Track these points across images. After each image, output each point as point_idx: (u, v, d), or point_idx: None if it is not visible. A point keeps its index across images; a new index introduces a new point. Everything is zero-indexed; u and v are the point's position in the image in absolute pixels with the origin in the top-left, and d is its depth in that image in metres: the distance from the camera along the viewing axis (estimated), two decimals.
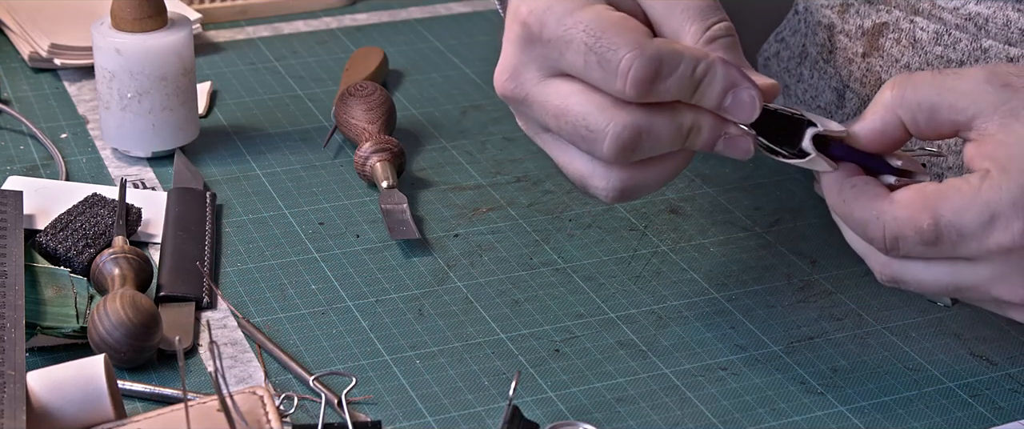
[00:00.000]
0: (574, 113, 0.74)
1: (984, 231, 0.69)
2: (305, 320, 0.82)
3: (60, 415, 0.69)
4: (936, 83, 0.72)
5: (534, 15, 0.74)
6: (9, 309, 0.76)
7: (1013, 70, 0.71)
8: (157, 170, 0.99)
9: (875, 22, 0.91)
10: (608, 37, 0.72)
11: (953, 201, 0.70)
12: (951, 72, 0.72)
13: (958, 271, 0.72)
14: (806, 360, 0.79)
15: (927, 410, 0.75)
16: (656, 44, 0.72)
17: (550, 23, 0.74)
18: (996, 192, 0.69)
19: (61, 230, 0.86)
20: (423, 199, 0.96)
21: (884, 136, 0.73)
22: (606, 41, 0.72)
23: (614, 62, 0.72)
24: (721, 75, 0.73)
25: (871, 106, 0.73)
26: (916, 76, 0.72)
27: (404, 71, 1.16)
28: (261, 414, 0.69)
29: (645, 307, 0.84)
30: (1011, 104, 0.70)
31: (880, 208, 0.72)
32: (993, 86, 0.71)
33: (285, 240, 0.91)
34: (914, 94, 0.72)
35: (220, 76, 1.14)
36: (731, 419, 0.75)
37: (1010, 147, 0.70)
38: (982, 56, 0.85)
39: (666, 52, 0.72)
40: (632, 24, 0.73)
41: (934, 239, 0.70)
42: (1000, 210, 0.69)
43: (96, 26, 0.98)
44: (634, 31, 0.73)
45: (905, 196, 0.71)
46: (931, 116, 0.72)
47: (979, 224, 0.69)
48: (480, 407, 0.75)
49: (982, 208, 0.69)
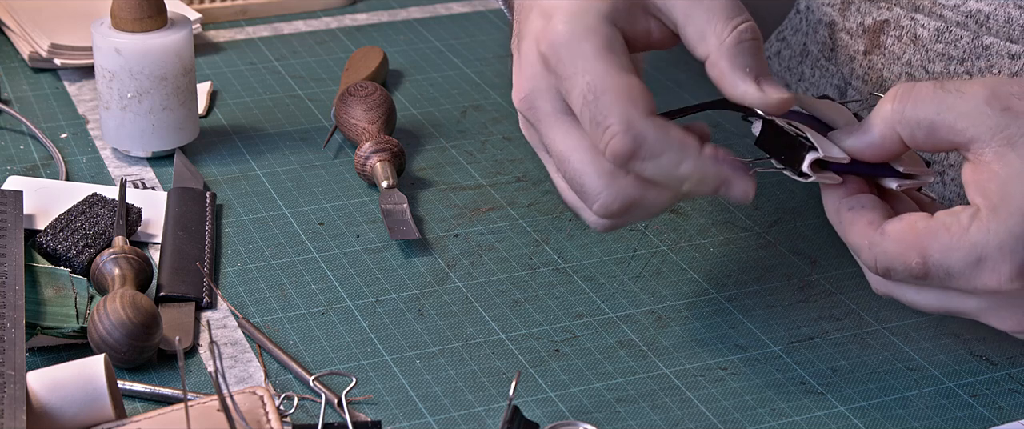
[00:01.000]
0: (574, 168, 0.75)
1: (972, 272, 0.70)
2: (305, 320, 0.82)
3: (60, 415, 0.69)
4: (937, 100, 0.71)
5: (553, 47, 0.75)
6: (9, 309, 0.76)
7: (1015, 90, 0.71)
8: (157, 170, 0.99)
9: (876, 20, 0.91)
10: (603, 102, 0.73)
11: (942, 240, 0.70)
12: (954, 87, 0.71)
13: (949, 299, 0.73)
14: (806, 360, 0.79)
15: (927, 410, 0.75)
16: (641, 127, 0.72)
17: (564, 59, 0.74)
18: (984, 235, 0.69)
19: (61, 230, 0.86)
20: (423, 199, 0.96)
21: (883, 150, 0.73)
22: (601, 105, 0.73)
23: (601, 129, 0.73)
24: (712, 176, 0.73)
25: (871, 118, 0.73)
26: (918, 89, 0.72)
27: (404, 71, 1.16)
28: (261, 414, 0.69)
29: (645, 307, 0.84)
30: (1009, 131, 0.70)
31: (872, 239, 0.72)
32: (993, 109, 0.70)
33: (285, 240, 0.91)
34: (914, 111, 0.71)
35: (220, 76, 1.14)
36: (731, 419, 0.75)
37: (1003, 182, 0.69)
38: (983, 53, 0.85)
39: (651, 137, 0.72)
40: (634, 92, 0.73)
41: (923, 275, 0.71)
42: (987, 253, 0.69)
43: (96, 26, 0.98)
44: (630, 103, 0.73)
45: (896, 229, 0.71)
46: (930, 134, 0.71)
47: (966, 265, 0.70)
48: (480, 407, 0.75)
49: (970, 250, 0.69)
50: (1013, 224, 0.69)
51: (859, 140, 0.73)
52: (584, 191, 0.75)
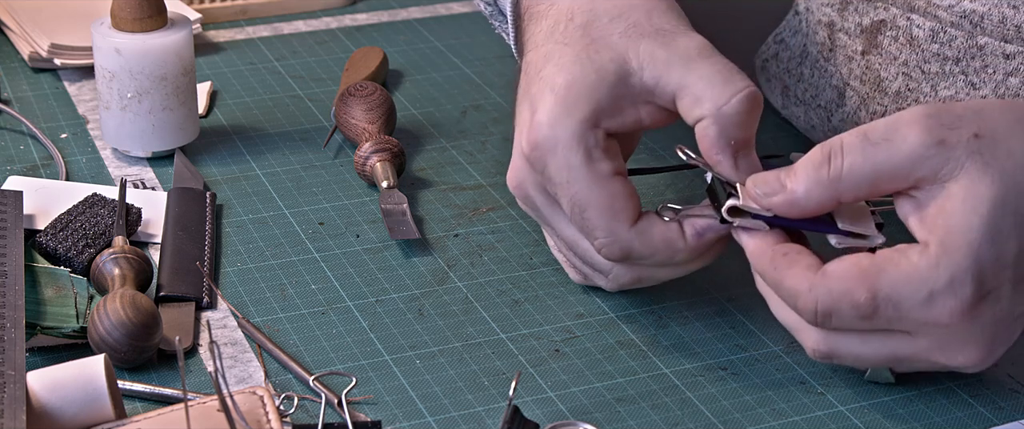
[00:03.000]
0: (582, 248, 0.80)
1: (922, 307, 0.69)
2: (305, 320, 0.82)
3: (60, 415, 0.69)
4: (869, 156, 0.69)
5: (536, 150, 0.77)
6: (9, 309, 0.76)
7: (946, 119, 0.69)
8: (157, 170, 0.99)
9: (873, 20, 0.91)
10: (587, 217, 0.76)
11: (891, 275, 0.69)
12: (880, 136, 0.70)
13: (896, 344, 0.72)
14: (806, 360, 0.79)
15: (927, 410, 0.75)
16: (626, 239, 0.76)
17: (548, 165, 0.77)
18: (933, 270, 0.68)
19: (61, 230, 0.86)
20: (423, 199, 0.96)
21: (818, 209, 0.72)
22: (585, 220, 0.76)
23: (591, 238, 0.77)
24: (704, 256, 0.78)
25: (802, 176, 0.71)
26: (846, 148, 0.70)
27: (404, 71, 1.16)
28: (261, 414, 0.69)
29: (645, 307, 0.84)
30: (949, 166, 0.69)
31: (812, 281, 0.71)
32: (928, 148, 0.69)
33: (285, 240, 0.91)
34: (851, 173, 0.70)
35: (220, 76, 1.14)
36: (731, 419, 0.75)
37: (949, 216, 0.69)
38: (978, 53, 0.85)
39: (637, 246, 0.76)
40: (616, 204, 0.76)
41: (871, 313, 0.70)
42: (937, 288, 0.69)
43: (96, 26, 0.98)
44: (612, 217, 0.76)
45: (839, 268, 0.70)
46: (873, 187, 0.70)
47: (917, 301, 0.69)
48: (480, 407, 0.75)
49: (919, 285, 0.69)
50: (961, 258, 0.68)
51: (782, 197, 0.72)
52: (595, 267, 0.80)
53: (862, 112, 0.93)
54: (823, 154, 0.71)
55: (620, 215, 0.76)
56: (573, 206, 0.76)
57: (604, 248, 0.77)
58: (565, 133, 0.76)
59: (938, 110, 0.70)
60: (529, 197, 0.80)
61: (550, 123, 0.76)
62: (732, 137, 0.75)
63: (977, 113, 0.70)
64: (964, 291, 0.68)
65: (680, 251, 0.77)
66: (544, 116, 0.76)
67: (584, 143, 0.76)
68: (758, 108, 0.76)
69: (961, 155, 0.69)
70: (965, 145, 0.69)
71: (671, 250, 0.77)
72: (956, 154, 0.69)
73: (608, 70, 0.76)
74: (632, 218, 0.76)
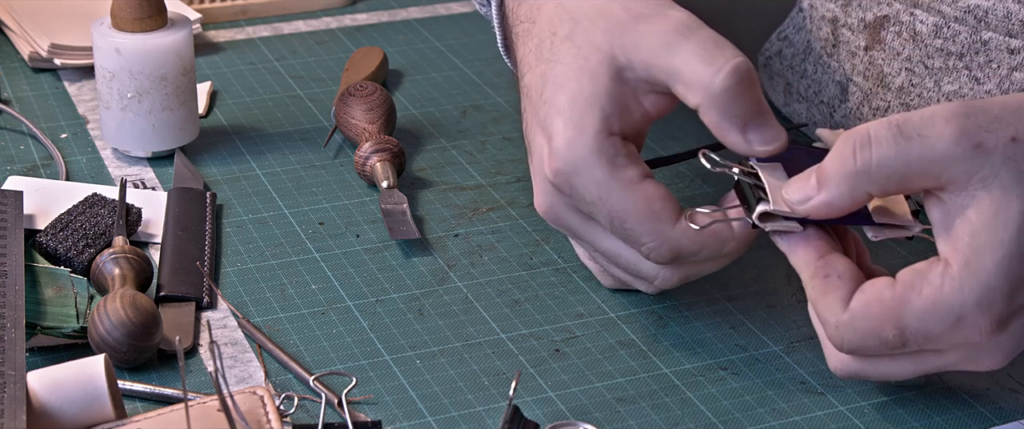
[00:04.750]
0: (624, 259, 0.78)
1: (952, 331, 0.68)
2: (305, 320, 0.82)
3: (60, 415, 0.69)
4: (902, 151, 0.67)
5: (560, 176, 0.76)
6: (9, 309, 0.76)
7: (982, 120, 0.67)
8: (157, 170, 0.99)
9: (876, 15, 0.91)
10: (630, 226, 0.75)
11: (916, 306, 0.68)
12: (915, 132, 0.67)
13: (925, 362, 0.71)
14: (806, 360, 0.79)
15: (927, 410, 0.75)
16: (673, 238, 0.75)
17: (576, 186, 0.75)
18: (959, 293, 0.67)
19: (61, 230, 0.86)
20: (423, 199, 0.96)
21: (840, 210, 0.70)
22: (628, 229, 0.75)
23: (637, 246, 0.76)
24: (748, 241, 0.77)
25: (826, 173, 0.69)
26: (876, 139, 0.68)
27: (404, 71, 1.16)
28: (261, 414, 0.69)
29: (645, 307, 0.84)
30: (983, 173, 0.67)
31: (839, 321, 0.70)
32: (964, 148, 0.67)
33: (285, 240, 0.91)
34: (880, 167, 0.68)
35: (220, 76, 1.14)
36: (731, 419, 0.75)
37: (975, 231, 0.67)
38: (982, 48, 0.85)
39: (685, 243, 0.75)
40: (654, 206, 0.75)
41: (900, 346, 0.69)
42: (966, 312, 0.67)
43: (96, 26, 0.98)
44: (654, 219, 0.75)
45: (864, 307, 0.69)
46: (902, 184, 0.68)
47: (945, 327, 0.68)
48: (480, 407, 0.75)
49: (946, 312, 0.67)
50: (987, 277, 0.66)
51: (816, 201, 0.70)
52: (640, 275, 0.79)
53: (865, 108, 0.93)
54: (851, 146, 0.68)
55: (662, 216, 0.75)
56: (612, 219, 0.75)
57: (653, 252, 0.75)
58: (583, 151, 0.75)
59: (973, 109, 0.68)
60: (561, 219, 0.79)
61: (567, 146, 0.75)
62: (733, 115, 0.73)
63: (1015, 113, 0.67)
64: (994, 310, 0.67)
65: (729, 241, 0.76)
66: (560, 141, 0.75)
67: (604, 155, 0.74)
68: (749, 77, 0.73)
69: (996, 161, 0.66)
70: (1002, 151, 0.66)
71: (719, 241, 0.75)
72: (991, 161, 0.66)
73: (602, 74, 0.75)
74: (674, 217, 0.75)
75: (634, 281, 0.81)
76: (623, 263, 0.79)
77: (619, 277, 0.82)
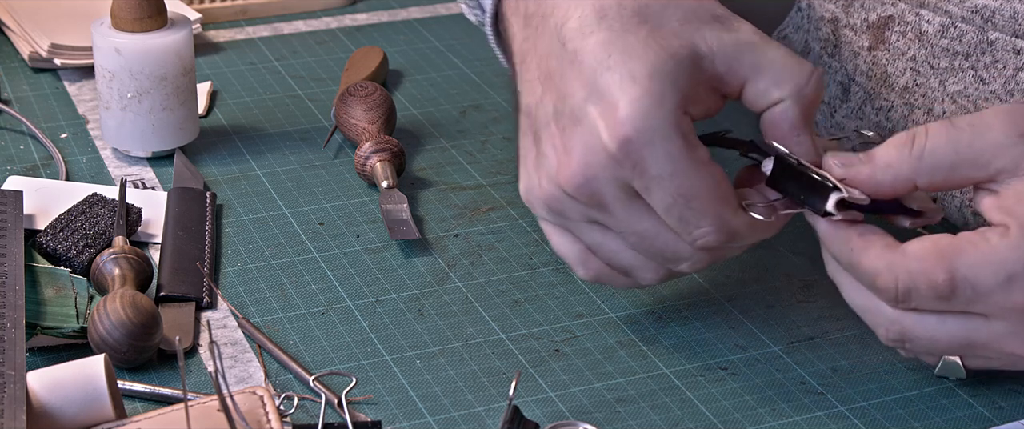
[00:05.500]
0: (665, 241, 0.75)
1: (1001, 290, 0.69)
2: (305, 320, 0.82)
3: (60, 415, 0.69)
4: (953, 142, 0.70)
5: (632, 145, 0.72)
6: (9, 309, 0.76)
7: None
8: (157, 170, 0.99)
9: (880, 15, 0.91)
10: (696, 206, 0.73)
11: (970, 256, 0.69)
12: (965, 124, 0.70)
13: (972, 327, 0.71)
14: (806, 360, 0.79)
15: (927, 410, 0.75)
16: (734, 225, 0.74)
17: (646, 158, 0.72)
18: (1015, 251, 0.68)
19: (61, 230, 0.86)
20: (423, 199, 0.96)
21: (895, 193, 0.72)
22: (693, 209, 0.73)
23: (692, 227, 0.74)
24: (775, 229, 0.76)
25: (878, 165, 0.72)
26: (931, 134, 0.71)
27: (404, 71, 1.16)
28: (261, 414, 0.69)
29: (645, 307, 0.84)
30: None
31: (891, 259, 0.70)
32: (1012, 138, 0.69)
33: (285, 240, 0.91)
34: (932, 157, 0.70)
35: (220, 76, 1.14)
36: (731, 419, 0.75)
37: None
38: (988, 49, 0.85)
39: (742, 231, 0.75)
40: (722, 190, 0.74)
41: (949, 293, 0.69)
42: (1018, 272, 0.68)
43: (96, 26, 0.98)
44: (722, 203, 0.74)
45: (918, 248, 0.70)
46: (949, 175, 0.71)
47: (996, 283, 0.69)
48: (480, 407, 0.75)
49: (999, 267, 0.68)
50: None
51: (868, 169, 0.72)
52: (677, 256, 0.76)
53: (867, 107, 0.93)
54: (908, 134, 0.71)
55: (728, 200, 0.74)
56: (677, 197, 0.73)
57: (708, 236, 0.74)
58: (660, 123, 0.72)
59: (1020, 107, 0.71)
60: (597, 193, 0.75)
61: (643, 115, 0.72)
62: (810, 116, 0.75)
63: None
64: None
65: (773, 227, 0.76)
66: (633, 109, 0.72)
67: (680, 131, 0.72)
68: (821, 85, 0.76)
69: None
70: None
71: (768, 229, 0.76)
72: None
73: (685, 58, 0.73)
74: (735, 202, 0.74)
75: (637, 269, 0.78)
76: (658, 245, 0.76)
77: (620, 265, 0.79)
